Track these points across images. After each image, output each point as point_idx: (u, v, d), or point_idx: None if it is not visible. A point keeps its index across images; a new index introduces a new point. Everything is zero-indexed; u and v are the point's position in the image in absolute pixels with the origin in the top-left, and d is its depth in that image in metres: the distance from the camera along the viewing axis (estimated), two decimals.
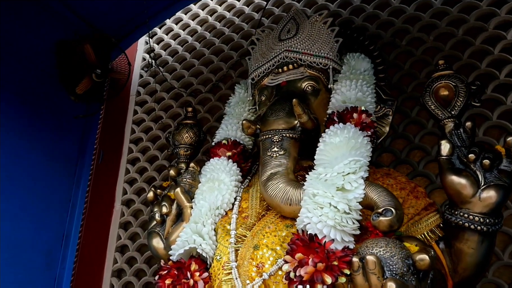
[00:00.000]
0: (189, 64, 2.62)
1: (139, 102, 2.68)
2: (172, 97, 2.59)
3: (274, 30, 1.62)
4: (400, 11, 2.18)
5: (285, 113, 1.30)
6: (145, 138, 2.55)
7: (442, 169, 1.22)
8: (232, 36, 2.56)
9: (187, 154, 1.74)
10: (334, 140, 1.17)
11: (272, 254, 1.08)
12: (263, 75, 1.54)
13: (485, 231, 1.14)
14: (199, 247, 1.15)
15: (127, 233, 2.37)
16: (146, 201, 2.42)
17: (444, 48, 2.03)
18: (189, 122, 1.77)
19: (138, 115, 2.63)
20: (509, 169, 1.16)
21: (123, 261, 2.32)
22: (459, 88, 1.35)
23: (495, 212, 1.15)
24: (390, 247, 0.91)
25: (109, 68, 2.18)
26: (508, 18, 1.94)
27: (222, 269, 1.12)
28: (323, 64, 1.46)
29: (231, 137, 1.51)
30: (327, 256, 0.91)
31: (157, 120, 2.57)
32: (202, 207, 1.25)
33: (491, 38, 1.96)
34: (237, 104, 1.63)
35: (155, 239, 1.31)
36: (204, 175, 1.39)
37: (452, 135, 1.29)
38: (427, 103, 1.38)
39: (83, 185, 2.24)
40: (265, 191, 1.20)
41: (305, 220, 1.02)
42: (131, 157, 2.54)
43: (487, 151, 1.20)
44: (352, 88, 1.36)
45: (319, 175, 1.12)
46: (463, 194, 1.16)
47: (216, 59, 2.54)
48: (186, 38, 2.71)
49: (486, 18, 1.99)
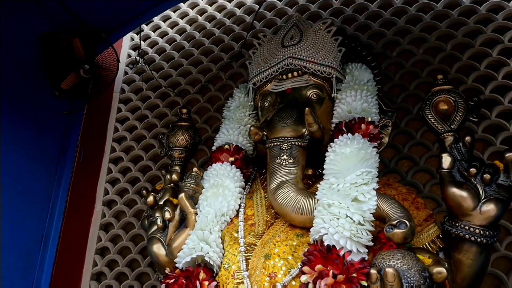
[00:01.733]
0: (177, 63, 2.57)
1: (123, 100, 2.60)
2: (159, 96, 2.53)
3: (276, 36, 1.61)
4: (391, 23, 2.24)
5: (293, 120, 1.30)
6: (129, 137, 2.48)
7: (444, 181, 1.25)
8: (222, 37, 2.54)
9: (181, 156, 1.71)
10: (344, 151, 1.18)
11: (285, 264, 1.08)
12: (265, 80, 1.53)
13: (484, 243, 1.18)
14: (206, 255, 1.13)
15: (108, 235, 2.30)
16: (128, 202, 2.36)
17: (433, 61, 2.09)
18: (184, 124, 1.74)
19: (122, 113, 2.56)
20: (507, 184, 1.21)
21: (103, 264, 2.25)
22: (459, 103, 1.39)
23: (494, 225, 1.19)
24: (406, 259, 0.92)
25: (97, 63, 2.10)
26: (493, 36, 2.03)
27: (231, 278, 1.11)
28: (327, 73, 1.47)
29: (233, 142, 1.49)
30: (346, 268, 0.92)
31: (142, 119, 2.50)
32: (208, 213, 1.23)
33: (477, 54, 2.04)
34: (237, 109, 1.61)
35: (156, 245, 1.27)
36: (207, 180, 1.36)
37: (452, 148, 1.33)
38: (427, 116, 1.42)
39: (64, 184, 2.15)
40: (274, 199, 1.19)
41: (322, 231, 1.02)
42: (113, 156, 2.47)
43: (486, 166, 1.24)
44: (358, 98, 1.38)
45: (331, 185, 1.12)
46: (464, 206, 1.20)
47: (206, 59, 2.51)
48: (174, 37, 2.66)
49: (473, 35, 2.08)
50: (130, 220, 2.29)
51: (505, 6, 2.08)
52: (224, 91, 2.41)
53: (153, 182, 2.34)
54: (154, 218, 1.31)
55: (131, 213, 2.30)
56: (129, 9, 2.25)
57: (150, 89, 2.56)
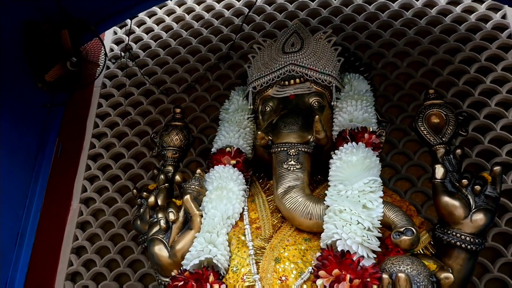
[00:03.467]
0: (162, 61, 2.54)
1: (104, 95, 2.53)
2: (143, 93, 2.48)
3: (277, 42, 1.64)
4: (377, 35, 2.32)
5: (298, 127, 1.33)
6: (110, 134, 2.41)
7: (437, 191, 1.33)
8: (210, 37, 2.53)
9: (175, 156, 1.69)
10: (351, 159, 1.22)
11: (295, 267, 1.10)
12: (267, 85, 1.55)
13: (473, 250, 1.27)
14: (214, 258, 1.13)
15: (85, 233, 2.22)
16: (108, 201, 2.29)
17: (415, 75, 2.20)
18: (179, 124, 1.72)
19: (103, 109, 2.48)
20: (494, 195, 1.31)
21: (79, 264, 2.17)
22: (450, 117, 1.48)
23: (482, 233, 1.28)
24: (415, 265, 0.98)
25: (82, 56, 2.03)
26: (471, 55, 2.16)
27: (241, 281, 1.12)
28: (327, 82, 1.51)
29: (233, 145, 1.50)
30: (361, 273, 0.96)
31: (124, 115, 2.44)
32: (214, 216, 1.23)
33: (456, 71, 2.17)
34: (236, 112, 1.61)
35: (158, 246, 1.25)
36: (211, 182, 1.36)
37: (443, 160, 1.41)
38: (419, 128, 1.50)
39: (41, 181, 2.07)
40: (282, 203, 1.21)
41: (335, 236, 1.06)
42: (93, 152, 2.39)
43: (476, 178, 1.33)
44: (358, 108, 1.43)
45: (339, 192, 1.16)
46: (456, 215, 1.28)
47: (192, 59, 2.49)
48: (160, 34, 2.62)
49: (453, 52, 2.20)
50: (109, 219, 2.23)
51: (482, 27, 2.22)
52: (210, 92, 2.40)
53: (134, 181, 2.30)
54: (156, 219, 1.29)
55: (110, 212, 2.24)
56: (117, 1, 2.19)
57: (134, 85, 2.51)
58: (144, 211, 1.56)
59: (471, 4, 2.28)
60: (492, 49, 2.16)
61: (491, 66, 2.13)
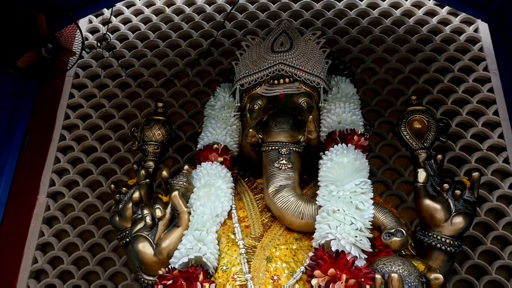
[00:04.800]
0: (140, 53, 2.46)
1: (77, 85, 2.42)
2: (118, 86, 2.40)
3: (265, 40, 1.63)
4: (357, 40, 2.37)
5: (289, 126, 1.33)
6: (82, 126, 2.31)
7: (419, 194, 1.37)
8: (190, 32, 2.49)
9: (156, 152, 1.64)
10: (342, 160, 1.23)
11: (287, 267, 1.10)
12: (255, 83, 1.53)
13: (452, 252, 1.32)
14: (204, 256, 1.10)
15: (52, 229, 2.12)
16: (78, 195, 2.20)
17: (393, 81, 2.26)
18: (161, 119, 1.67)
19: (75, 99, 2.38)
20: (471, 199, 1.37)
21: (44, 261, 2.06)
22: (431, 123, 1.53)
23: (461, 236, 1.33)
24: (406, 265, 1.00)
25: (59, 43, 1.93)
26: (445, 65, 2.25)
27: (231, 280, 1.10)
28: (316, 83, 1.52)
29: (220, 142, 1.47)
30: (356, 273, 0.96)
31: (98, 107, 2.35)
32: (203, 214, 1.20)
33: (431, 80, 2.25)
34: (223, 109, 1.59)
35: (142, 244, 1.20)
36: (198, 179, 1.33)
37: (425, 164, 1.45)
38: (402, 132, 1.54)
39: (7, 173, 1.94)
40: (273, 202, 1.21)
41: (330, 236, 1.06)
42: (63, 144, 2.28)
43: (456, 183, 1.38)
44: (347, 110, 1.44)
45: (331, 192, 1.17)
46: (437, 218, 1.33)
47: (172, 53, 2.44)
48: (138, 25, 2.54)
49: (429, 61, 2.29)
50: (78, 215, 2.14)
51: (456, 39, 2.32)
52: (190, 88, 2.36)
53: (107, 176, 2.21)
54: (140, 215, 1.24)
55: (80, 207, 2.15)
56: None
57: (109, 77, 2.42)
58: (124, 207, 1.50)
59: (446, 16, 2.38)
60: (464, 61, 2.26)
61: (463, 76, 2.23)
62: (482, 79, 2.23)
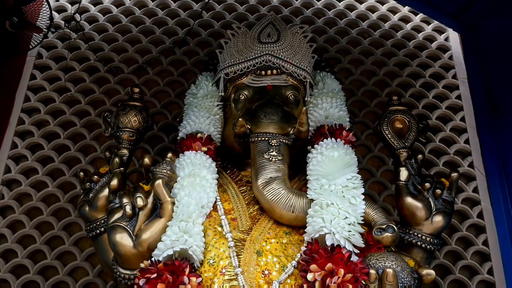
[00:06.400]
0: (111, 37, 2.33)
1: (39, 66, 2.25)
2: (85, 70, 2.25)
3: (251, 31, 1.59)
4: (334, 40, 2.38)
5: (279, 118, 1.30)
6: (44, 110, 2.15)
7: (401, 192, 1.39)
8: (166, 19, 2.39)
9: (131, 139, 1.55)
10: (333, 154, 1.21)
11: (278, 261, 1.06)
12: (241, 73, 1.49)
13: (431, 250, 1.34)
14: (190, 249, 1.04)
15: (6, 220, 1.95)
16: (36, 184, 2.04)
17: (368, 83, 2.30)
18: (138, 105, 1.59)
19: (37, 81, 2.20)
20: (449, 199, 1.41)
21: None
22: (412, 123, 1.56)
23: (439, 234, 1.36)
24: (399, 261, 0.99)
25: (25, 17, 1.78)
26: (417, 70, 2.32)
27: (219, 274, 1.04)
28: (302, 76, 1.50)
29: (204, 131, 1.41)
30: (353, 267, 0.94)
31: (62, 91, 2.19)
32: (189, 204, 1.13)
33: (404, 84, 2.31)
34: (206, 97, 1.53)
35: (120, 235, 1.11)
36: (182, 168, 1.26)
37: (406, 163, 1.47)
38: (384, 131, 1.55)
39: None
40: (263, 195, 1.17)
41: (324, 230, 1.04)
42: (21, 129, 2.11)
43: (437, 182, 1.41)
44: (334, 105, 1.44)
45: (323, 186, 1.14)
46: (419, 216, 1.35)
47: (145, 39, 2.33)
48: (110, 8, 2.40)
49: (402, 66, 2.34)
50: (36, 205, 1.98)
51: (428, 46, 2.39)
52: (163, 77, 2.26)
53: (70, 164, 2.07)
54: (118, 204, 1.15)
55: (38, 197, 1.99)
56: None
57: (76, 60, 2.27)
58: (95, 196, 1.40)
59: (419, 23, 2.45)
60: (435, 67, 2.34)
61: (434, 82, 2.30)
62: (451, 86, 2.31)
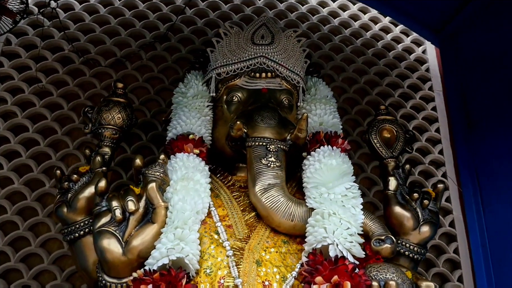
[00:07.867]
0: (87, 27, 2.21)
1: (8, 53, 2.09)
2: (58, 60, 2.12)
3: (244, 31, 1.55)
4: (317, 46, 2.39)
5: (276, 122, 1.26)
6: (11, 101, 2.00)
7: (390, 202, 1.40)
8: (147, 13, 2.30)
9: (114, 137, 1.47)
10: (331, 162, 1.20)
11: (278, 272, 1.03)
12: (234, 74, 1.45)
13: (417, 260, 1.36)
14: (186, 257, 0.98)
15: None
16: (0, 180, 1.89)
17: (349, 90, 2.32)
18: (122, 101, 1.51)
19: (4, 69, 2.05)
20: (435, 209, 1.43)
21: None
22: (400, 133, 1.58)
23: (425, 244, 1.38)
24: (399, 273, 0.99)
25: None
26: (396, 80, 2.37)
27: (217, 285, 0.99)
28: (296, 81, 1.48)
29: (195, 132, 1.35)
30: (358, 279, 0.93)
31: (32, 82, 2.05)
32: (184, 210, 1.07)
33: (383, 93, 2.35)
34: (196, 97, 1.47)
35: (107, 240, 1.03)
36: (174, 171, 1.19)
37: (394, 173, 1.49)
38: (373, 140, 1.57)
39: None
40: (260, 202, 1.13)
41: (327, 241, 1.01)
42: None
43: (424, 193, 1.43)
44: (328, 112, 1.43)
45: (322, 195, 1.12)
46: (407, 226, 1.36)
47: (124, 32, 2.22)
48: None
49: (382, 75, 2.39)
50: (0, 203, 1.84)
51: (406, 57, 2.45)
52: (142, 72, 2.17)
53: (38, 160, 1.94)
54: (105, 208, 1.07)
55: (3, 194, 1.85)
56: None
57: (48, 49, 2.13)
58: (75, 197, 1.30)
59: (399, 34, 2.51)
60: (413, 79, 2.40)
61: (411, 93, 2.36)
62: (427, 97, 2.38)
